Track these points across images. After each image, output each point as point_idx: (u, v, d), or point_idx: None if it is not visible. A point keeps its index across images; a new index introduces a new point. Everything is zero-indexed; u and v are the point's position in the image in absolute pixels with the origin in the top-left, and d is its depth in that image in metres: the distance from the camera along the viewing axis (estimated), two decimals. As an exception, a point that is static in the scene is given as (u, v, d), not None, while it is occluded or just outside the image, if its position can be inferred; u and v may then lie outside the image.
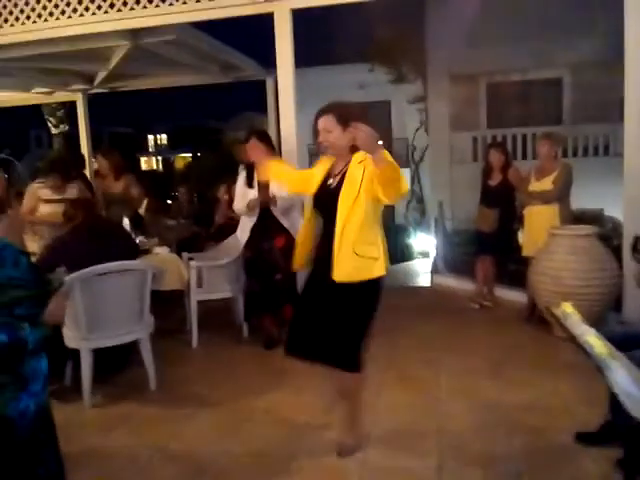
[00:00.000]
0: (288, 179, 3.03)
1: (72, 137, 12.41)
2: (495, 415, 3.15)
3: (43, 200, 4.68)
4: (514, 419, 3.08)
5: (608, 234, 5.88)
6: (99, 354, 3.53)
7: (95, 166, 6.36)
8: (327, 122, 2.56)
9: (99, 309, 3.40)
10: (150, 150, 40.88)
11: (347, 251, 2.51)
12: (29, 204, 4.71)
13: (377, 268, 2.58)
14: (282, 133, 4.49)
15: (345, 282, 2.52)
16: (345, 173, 2.57)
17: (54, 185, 4.67)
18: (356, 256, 2.52)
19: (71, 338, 3.45)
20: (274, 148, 4.34)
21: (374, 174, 2.39)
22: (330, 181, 2.64)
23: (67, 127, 13.92)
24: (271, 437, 2.99)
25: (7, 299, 1.64)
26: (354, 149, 2.54)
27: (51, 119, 13.80)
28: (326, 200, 2.61)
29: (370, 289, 2.62)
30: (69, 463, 2.66)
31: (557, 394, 3.39)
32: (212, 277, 4.49)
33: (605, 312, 4.24)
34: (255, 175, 4.23)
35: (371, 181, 2.44)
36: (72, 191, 4.69)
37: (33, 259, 1.98)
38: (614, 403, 2.53)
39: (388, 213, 15.08)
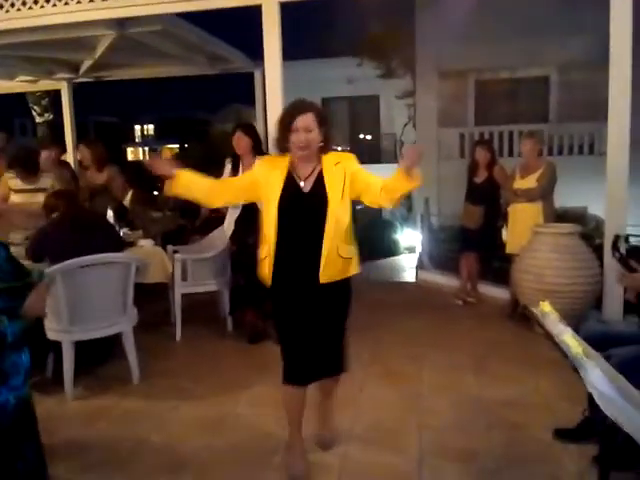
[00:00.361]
0: (209, 191, 2.56)
1: (57, 126, 12.25)
2: (476, 411, 3.18)
3: (13, 190, 4.60)
4: (495, 415, 3.12)
5: (591, 233, 5.96)
6: (81, 346, 3.51)
7: (78, 156, 6.25)
8: (308, 121, 2.37)
9: (81, 301, 3.38)
10: (137, 141, 40.50)
11: (333, 254, 2.43)
12: (1, 193, 4.65)
13: (353, 267, 2.55)
14: (269, 126, 4.48)
15: (327, 282, 2.45)
16: (320, 175, 2.46)
17: (22, 177, 4.58)
18: (341, 258, 2.46)
19: (52, 330, 3.42)
20: (260, 141, 4.35)
21: (364, 175, 2.44)
22: (302, 184, 2.45)
23: (52, 116, 13.74)
24: (254, 431, 2.99)
25: None
26: (322, 150, 2.46)
27: (35, 107, 13.61)
28: (299, 205, 2.44)
29: (348, 287, 2.59)
30: (50, 455, 2.65)
31: (538, 390, 3.44)
32: (197, 270, 4.47)
33: (586, 310, 4.29)
34: (240, 167, 4.23)
35: (352, 183, 2.44)
36: (46, 180, 4.59)
37: (14, 250, 1.94)
38: (593, 401, 2.58)
39: (375, 209, 15.11)
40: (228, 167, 4.36)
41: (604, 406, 1.17)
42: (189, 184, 2.50)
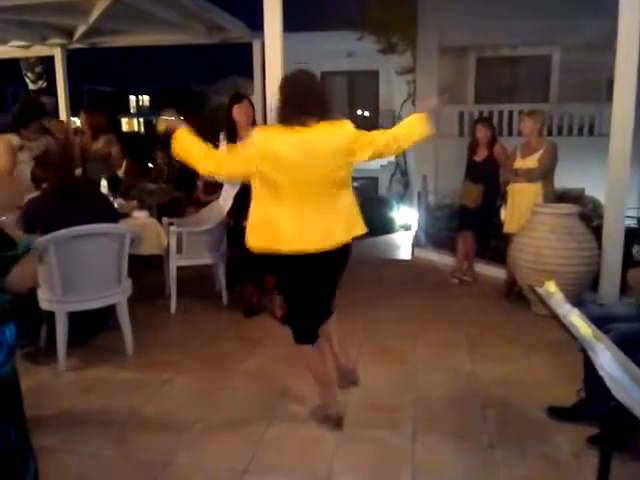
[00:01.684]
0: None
1: (50, 94, 12.04)
2: (470, 389, 3.19)
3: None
4: (489, 393, 3.12)
5: (589, 214, 5.93)
6: (75, 317, 3.48)
7: (77, 123, 6.18)
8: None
9: (75, 272, 3.33)
10: (131, 111, 39.93)
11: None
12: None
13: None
14: (268, 98, 4.39)
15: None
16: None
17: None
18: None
19: (46, 301, 3.38)
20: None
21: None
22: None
23: (45, 83, 13.51)
24: (248, 405, 2.99)
25: None
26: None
27: (29, 74, 13.38)
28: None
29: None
30: (41, 426, 2.65)
31: (532, 369, 3.44)
32: (192, 243, 4.42)
33: (583, 291, 4.29)
34: (238, 142, 4.12)
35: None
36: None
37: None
38: (589, 382, 2.59)
39: (371, 185, 15.05)
40: (223, 143, 4.19)
41: (614, 389, 1.14)
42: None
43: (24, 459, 1.73)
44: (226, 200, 4.31)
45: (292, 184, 2.43)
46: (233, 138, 4.09)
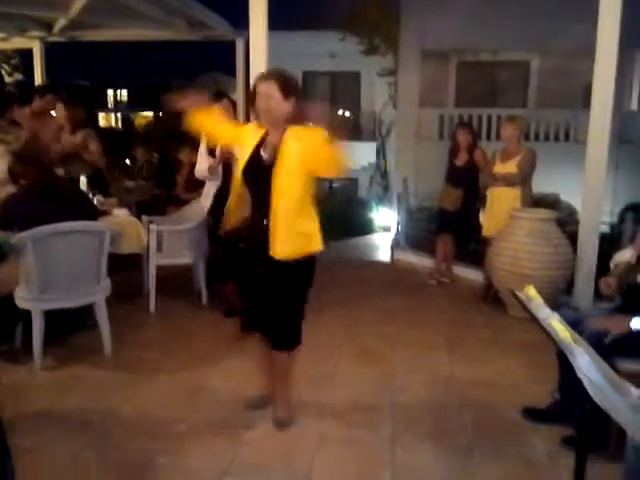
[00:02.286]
0: (214, 131, 2.82)
1: (25, 86, 11.82)
2: (448, 390, 3.24)
3: None
4: (466, 394, 3.17)
5: (564, 219, 6.05)
6: (52, 315, 3.42)
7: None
8: (269, 88, 2.44)
9: (53, 270, 3.28)
10: (109, 106, 39.35)
11: (284, 228, 2.47)
12: None
13: (315, 243, 2.56)
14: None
15: (284, 259, 2.48)
16: (279, 146, 2.47)
17: None
18: (294, 233, 2.49)
19: (22, 299, 3.31)
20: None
21: (316, 149, 2.40)
22: (262, 153, 2.52)
23: (21, 76, 13.27)
24: (227, 406, 2.98)
25: None
26: (291, 121, 2.48)
27: (4, 66, 13.13)
28: (258, 173, 2.51)
29: (307, 265, 2.59)
30: (18, 426, 2.61)
31: (508, 371, 3.51)
32: (172, 242, 4.40)
33: (558, 294, 4.38)
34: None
35: (309, 156, 2.43)
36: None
37: None
38: (563, 383, 2.65)
39: (351, 186, 15.09)
40: (204, 140, 4.20)
41: (593, 392, 1.18)
42: (205, 121, 2.70)
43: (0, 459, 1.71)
44: (206, 197, 4.30)
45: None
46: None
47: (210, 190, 4.27)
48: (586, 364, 1.17)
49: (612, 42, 3.94)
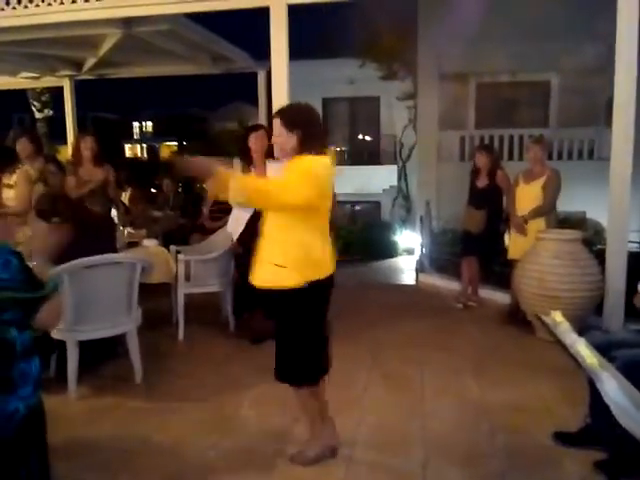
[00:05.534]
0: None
1: (55, 122, 12.24)
2: (478, 414, 3.21)
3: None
4: (496, 419, 3.14)
5: (591, 238, 5.98)
6: (85, 345, 3.52)
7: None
8: (276, 124, 2.51)
9: (86, 301, 3.38)
10: (135, 137, 40.37)
11: (262, 256, 2.50)
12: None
13: (286, 278, 2.42)
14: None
15: (263, 288, 2.49)
16: None
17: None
18: (266, 262, 2.47)
19: (57, 329, 3.41)
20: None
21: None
22: None
23: (51, 112, 13.73)
24: (257, 433, 3.01)
25: None
26: (300, 152, 2.46)
27: (35, 103, 13.61)
28: None
29: (289, 300, 2.46)
30: (53, 455, 2.65)
31: (538, 395, 3.46)
32: (200, 271, 4.48)
33: (587, 316, 4.32)
34: (252, 169, 4.19)
35: None
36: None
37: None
38: (595, 407, 2.61)
39: (374, 209, 15.14)
40: (237, 167, 4.28)
41: (620, 416, 1.19)
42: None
43: None
44: (236, 226, 4.32)
45: (326, 209, 2.53)
46: (247, 165, 4.20)
47: (241, 218, 4.25)
48: (613, 390, 1.17)
49: (632, 58, 3.94)
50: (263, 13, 4.42)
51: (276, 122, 2.50)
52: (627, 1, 3.89)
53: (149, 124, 41.16)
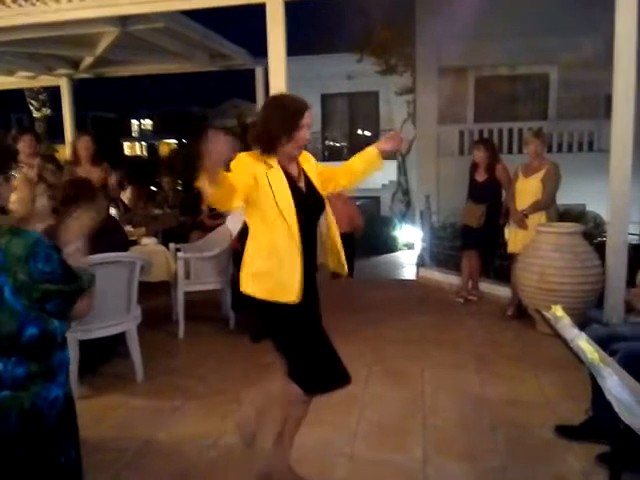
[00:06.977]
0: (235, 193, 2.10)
1: (54, 121, 12.23)
2: (479, 409, 3.21)
3: None
4: (498, 413, 3.14)
5: (591, 231, 5.97)
6: (85, 344, 3.51)
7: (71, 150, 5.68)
8: (311, 116, 2.25)
9: (86, 300, 3.37)
10: (134, 135, 40.31)
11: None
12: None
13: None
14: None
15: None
16: (305, 175, 2.32)
17: None
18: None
19: (58, 329, 3.42)
20: None
21: (355, 167, 2.43)
22: (301, 185, 2.29)
23: (49, 111, 13.72)
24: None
25: (39, 294, 1.62)
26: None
27: (33, 102, 13.59)
28: (304, 206, 2.23)
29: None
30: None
31: (539, 389, 3.46)
32: (199, 268, 4.48)
33: (587, 309, 4.32)
34: None
35: (322, 179, 2.39)
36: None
37: None
38: (597, 401, 2.61)
39: (374, 204, 15.15)
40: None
41: (621, 412, 1.18)
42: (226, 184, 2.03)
43: (80, 478, 1.83)
44: (236, 222, 4.31)
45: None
46: None
47: (238, 216, 4.25)
48: (615, 385, 1.17)
49: (630, 50, 3.92)
50: (260, 9, 4.40)
51: (311, 112, 2.29)
52: (625, -7, 3.87)
53: (148, 122, 41.10)
